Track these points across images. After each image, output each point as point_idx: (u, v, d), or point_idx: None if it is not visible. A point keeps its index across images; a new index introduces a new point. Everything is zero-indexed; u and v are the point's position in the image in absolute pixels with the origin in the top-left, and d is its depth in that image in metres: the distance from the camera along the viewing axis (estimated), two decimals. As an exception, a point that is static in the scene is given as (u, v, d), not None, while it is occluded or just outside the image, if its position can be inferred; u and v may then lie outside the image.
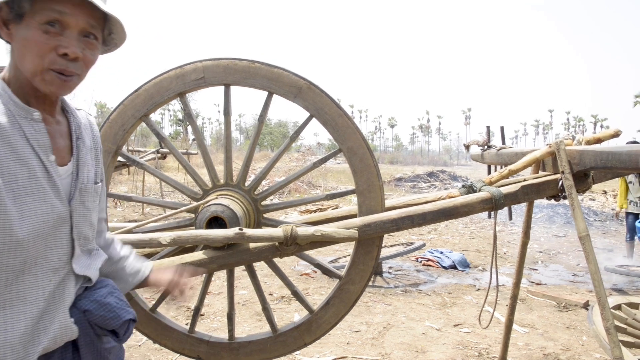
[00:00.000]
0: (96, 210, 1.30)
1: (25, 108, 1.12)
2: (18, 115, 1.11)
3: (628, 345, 3.15)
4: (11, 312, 1.07)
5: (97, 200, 1.31)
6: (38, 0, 1.07)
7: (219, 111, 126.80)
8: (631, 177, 7.15)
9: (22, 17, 1.08)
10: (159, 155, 10.70)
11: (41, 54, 1.08)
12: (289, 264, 6.64)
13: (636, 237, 7.21)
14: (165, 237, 1.91)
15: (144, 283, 1.50)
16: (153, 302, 2.24)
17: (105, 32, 1.23)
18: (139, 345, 3.74)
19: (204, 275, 2.23)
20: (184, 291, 1.51)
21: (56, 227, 1.15)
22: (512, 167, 2.37)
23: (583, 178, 2.27)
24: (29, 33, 1.08)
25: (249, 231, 1.95)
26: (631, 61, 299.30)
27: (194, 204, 2.19)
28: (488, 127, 3.17)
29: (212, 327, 4.28)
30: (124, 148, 2.94)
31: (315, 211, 9.85)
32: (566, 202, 2.25)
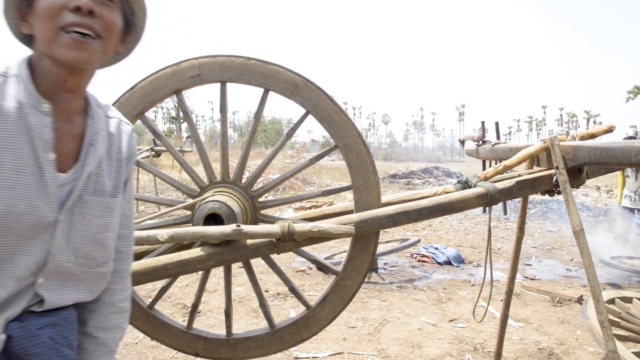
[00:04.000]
0: (110, 228, 1.19)
1: (36, 97, 1.05)
2: (28, 103, 1.04)
3: (622, 338, 3.18)
4: None
5: (111, 216, 1.18)
6: None
7: (212, 109, 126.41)
8: (629, 171, 7.07)
9: (33, 1, 1.06)
10: (153, 153, 10.66)
11: (52, 15, 1.02)
12: (284, 261, 6.65)
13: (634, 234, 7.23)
14: (163, 234, 1.91)
15: None
16: (150, 300, 2.25)
17: (125, 7, 1.17)
18: (136, 343, 3.74)
19: (202, 272, 2.23)
20: None
21: (34, 232, 1.03)
22: (507, 162, 2.38)
23: (577, 173, 2.29)
24: (39, 4, 1.03)
25: (247, 227, 1.96)
26: (624, 57, 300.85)
27: (191, 201, 2.19)
28: (483, 123, 3.19)
29: (209, 324, 4.29)
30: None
31: (310, 208, 9.85)
32: (560, 197, 2.26)
